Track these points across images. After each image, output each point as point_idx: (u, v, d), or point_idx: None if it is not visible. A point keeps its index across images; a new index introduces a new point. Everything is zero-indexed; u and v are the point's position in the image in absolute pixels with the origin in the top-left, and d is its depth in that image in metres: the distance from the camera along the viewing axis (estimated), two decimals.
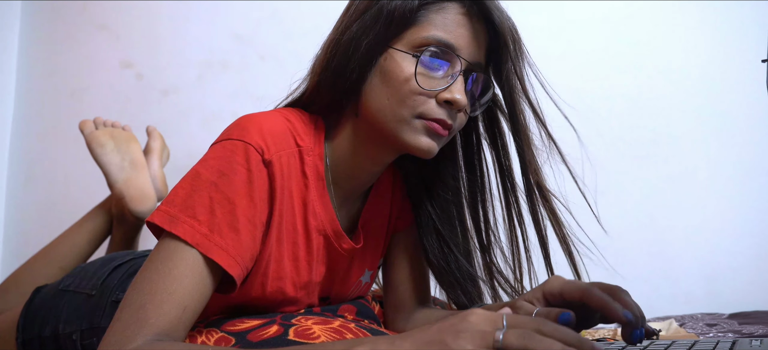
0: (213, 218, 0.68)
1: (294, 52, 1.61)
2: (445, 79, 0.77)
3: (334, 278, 0.89)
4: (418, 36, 0.77)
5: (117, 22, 1.75)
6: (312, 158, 0.80)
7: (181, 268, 0.65)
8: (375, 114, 0.79)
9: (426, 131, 0.78)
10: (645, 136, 1.54)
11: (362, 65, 0.78)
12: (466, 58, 0.78)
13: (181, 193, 0.70)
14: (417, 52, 0.77)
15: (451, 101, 0.77)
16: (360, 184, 0.87)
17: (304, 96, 0.86)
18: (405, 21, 0.77)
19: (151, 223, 0.69)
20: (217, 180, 0.70)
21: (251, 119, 0.76)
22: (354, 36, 0.78)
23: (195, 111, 1.68)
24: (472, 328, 0.50)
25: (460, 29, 0.78)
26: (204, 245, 0.66)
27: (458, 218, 0.92)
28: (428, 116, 0.77)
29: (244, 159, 0.72)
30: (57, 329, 0.95)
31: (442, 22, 0.77)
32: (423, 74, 0.76)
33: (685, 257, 1.50)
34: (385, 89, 0.78)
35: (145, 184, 1.31)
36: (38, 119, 1.77)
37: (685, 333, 1.05)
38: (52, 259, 1.25)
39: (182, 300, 0.64)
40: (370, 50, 0.78)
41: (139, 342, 0.60)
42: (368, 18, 0.78)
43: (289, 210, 0.79)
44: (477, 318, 0.51)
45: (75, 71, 1.76)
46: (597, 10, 1.59)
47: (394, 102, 0.77)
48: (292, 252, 0.80)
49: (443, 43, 0.77)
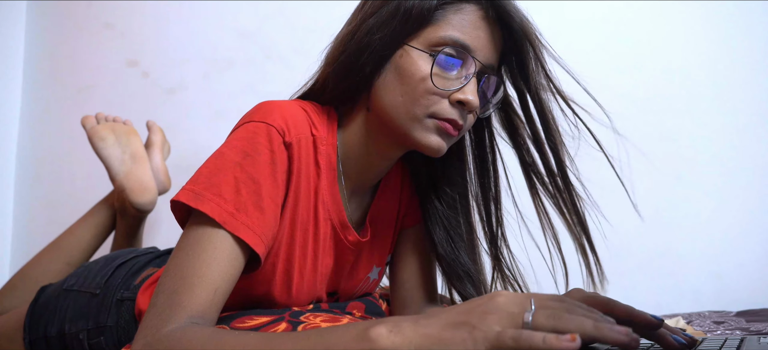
0: (238, 197, 0.69)
1: (299, 50, 1.61)
2: (459, 79, 0.78)
3: (341, 272, 0.89)
4: (435, 35, 0.77)
5: (123, 21, 1.75)
6: (325, 147, 0.81)
7: (210, 251, 0.66)
8: (387, 110, 0.79)
9: (437, 131, 0.78)
10: (652, 134, 1.54)
11: (376, 60, 0.79)
12: (480, 60, 0.79)
13: (205, 172, 0.71)
14: (433, 51, 0.77)
15: (464, 102, 0.77)
16: (369, 178, 0.88)
17: (316, 86, 0.87)
18: (422, 19, 0.77)
19: (177, 202, 0.69)
20: (242, 160, 0.71)
21: (272, 104, 0.77)
22: (370, 30, 0.79)
23: (201, 109, 1.69)
24: (500, 309, 0.48)
25: (477, 31, 0.78)
26: (231, 224, 0.67)
27: (465, 213, 0.92)
28: (440, 116, 0.77)
29: (267, 140, 0.73)
30: (63, 329, 0.96)
31: (460, 23, 0.78)
32: (438, 74, 0.77)
33: (692, 255, 1.49)
34: (399, 85, 0.78)
35: (146, 176, 1.32)
36: (45, 118, 1.78)
37: (692, 330, 1.04)
38: (59, 254, 1.26)
39: (213, 282, 0.65)
40: (386, 45, 0.78)
41: (173, 325, 0.61)
42: (385, 13, 0.79)
43: (305, 195, 0.79)
44: (504, 299, 0.50)
45: (81, 70, 1.76)
46: (599, 10, 1.58)
47: (408, 100, 0.77)
48: (302, 238, 0.81)
49: (460, 44, 0.77)
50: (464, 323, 0.48)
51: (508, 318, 0.48)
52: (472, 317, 0.48)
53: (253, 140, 0.73)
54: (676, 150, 1.53)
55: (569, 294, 0.67)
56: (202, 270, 0.65)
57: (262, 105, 0.78)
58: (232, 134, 0.76)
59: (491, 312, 0.48)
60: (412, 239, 0.97)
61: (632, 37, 1.57)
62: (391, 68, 0.79)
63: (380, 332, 0.49)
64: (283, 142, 0.75)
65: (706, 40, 1.55)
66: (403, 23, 0.77)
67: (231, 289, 0.68)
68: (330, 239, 0.85)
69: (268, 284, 0.80)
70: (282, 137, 0.75)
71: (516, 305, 0.49)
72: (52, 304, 0.99)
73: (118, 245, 1.33)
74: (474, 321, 0.48)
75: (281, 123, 0.75)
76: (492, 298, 0.50)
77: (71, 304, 0.97)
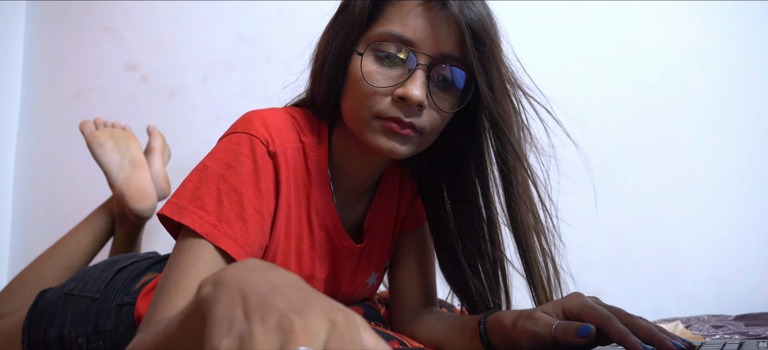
0: (221, 209, 0.69)
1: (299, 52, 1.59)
2: (401, 74, 0.74)
3: (339, 278, 0.89)
4: (374, 33, 0.75)
5: (122, 24, 1.75)
6: (315, 153, 0.81)
7: (189, 260, 0.66)
8: (346, 116, 0.79)
9: (383, 131, 0.75)
10: (651, 137, 1.54)
11: (338, 68, 0.79)
12: (426, 53, 0.74)
13: (190, 185, 0.71)
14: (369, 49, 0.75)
15: (404, 97, 0.72)
16: (359, 183, 0.88)
17: (306, 98, 0.87)
18: (363, 20, 0.76)
19: (163, 216, 0.70)
20: (225, 172, 0.71)
21: (256, 113, 0.77)
22: (329, 40, 0.79)
23: (200, 112, 1.69)
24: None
25: (418, 20, 0.73)
26: (212, 235, 0.68)
27: (469, 218, 0.90)
28: (383, 115, 0.74)
29: (250, 151, 0.73)
30: (62, 333, 0.96)
31: (398, 16, 0.74)
32: (376, 72, 0.74)
33: (691, 259, 1.49)
34: (349, 90, 0.78)
35: (145, 182, 1.32)
36: (44, 121, 1.78)
37: (691, 334, 1.05)
38: (58, 259, 1.26)
39: (188, 289, 0.64)
40: (341, 52, 0.78)
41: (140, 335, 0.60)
42: (340, 20, 0.79)
43: (296, 203, 0.79)
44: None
45: (80, 73, 1.76)
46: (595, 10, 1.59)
47: (355, 103, 0.76)
48: (297, 246, 0.81)
49: (397, 38, 0.73)
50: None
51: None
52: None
53: (236, 151, 0.73)
54: (674, 153, 1.53)
55: (569, 299, 0.68)
56: (180, 279, 0.65)
57: (246, 115, 0.77)
58: (217, 145, 0.76)
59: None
60: (411, 243, 0.97)
61: (629, 38, 1.58)
62: (347, 75, 0.78)
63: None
64: (268, 151, 0.75)
65: (704, 41, 1.55)
66: (350, 28, 0.77)
67: None
68: (325, 245, 0.85)
69: None
70: (266, 146, 0.74)
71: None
72: (52, 308, 0.99)
73: (116, 252, 1.32)
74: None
75: (264, 133, 0.75)
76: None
77: (71, 308, 0.97)
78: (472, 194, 0.88)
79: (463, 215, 0.89)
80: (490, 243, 0.89)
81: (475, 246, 0.89)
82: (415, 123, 0.74)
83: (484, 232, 0.89)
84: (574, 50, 1.58)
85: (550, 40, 1.56)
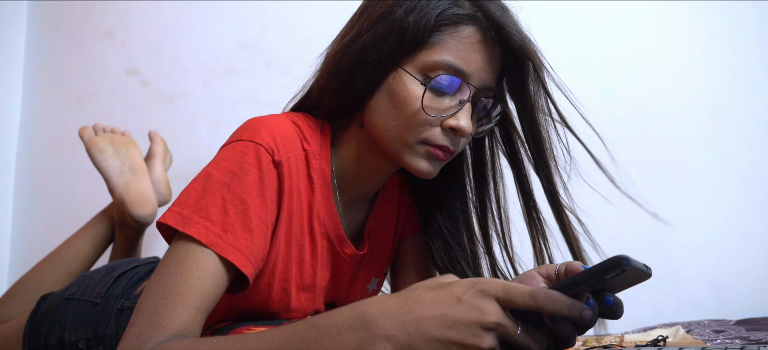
0: (226, 219, 0.68)
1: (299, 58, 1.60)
2: (453, 105, 0.75)
3: (340, 284, 0.89)
4: (430, 59, 0.74)
5: (123, 30, 1.76)
6: (318, 161, 0.81)
7: (193, 269, 0.65)
8: (379, 131, 0.78)
9: (427, 156, 0.77)
10: (652, 141, 1.54)
11: (370, 80, 0.77)
12: (476, 85, 0.76)
13: (194, 194, 0.70)
14: (427, 76, 0.74)
15: (457, 129, 0.75)
16: (364, 191, 0.87)
17: (310, 97, 0.86)
18: (417, 41, 0.74)
19: (163, 225, 0.69)
20: (230, 181, 0.70)
21: (260, 121, 0.76)
22: (364, 48, 0.76)
23: (201, 118, 1.69)
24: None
25: (474, 54, 0.75)
26: (218, 246, 0.67)
27: (465, 224, 0.92)
28: (432, 142, 0.76)
29: (255, 160, 0.72)
30: (63, 337, 0.96)
31: (456, 47, 0.74)
32: (430, 100, 0.74)
33: (692, 263, 1.49)
34: (391, 109, 0.76)
35: (145, 188, 1.31)
36: (45, 126, 1.78)
37: (692, 339, 1.04)
38: (58, 264, 1.25)
39: (195, 301, 0.63)
40: (380, 66, 0.76)
41: (153, 344, 0.60)
42: (380, 30, 0.76)
43: (297, 212, 0.79)
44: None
45: (81, 78, 1.77)
46: (600, 16, 1.59)
47: (400, 124, 0.76)
48: (298, 254, 0.81)
49: (454, 69, 0.74)
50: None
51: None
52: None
53: (241, 159, 0.72)
54: (675, 158, 1.53)
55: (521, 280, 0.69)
56: (184, 288, 0.64)
57: (250, 123, 0.76)
58: (220, 152, 0.74)
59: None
60: (411, 248, 0.97)
61: (632, 44, 1.58)
62: (385, 90, 0.77)
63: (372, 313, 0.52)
64: (272, 161, 0.74)
65: (706, 46, 1.55)
66: (397, 44, 0.74)
67: (213, 307, 0.67)
68: (327, 253, 0.84)
69: (266, 302, 0.80)
70: (271, 155, 0.73)
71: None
72: (53, 313, 0.99)
73: (116, 258, 1.32)
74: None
75: (270, 141, 0.74)
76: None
77: (72, 313, 0.97)
78: (466, 201, 0.92)
79: (454, 217, 0.91)
80: (486, 246, 0.92)
81: (466, 245, 0.91)
82: (456, 150, 0.78)
83: (475, 232, 0.93)
84: (574, 50, 1.57)
85: (550, 40, 1.56)
